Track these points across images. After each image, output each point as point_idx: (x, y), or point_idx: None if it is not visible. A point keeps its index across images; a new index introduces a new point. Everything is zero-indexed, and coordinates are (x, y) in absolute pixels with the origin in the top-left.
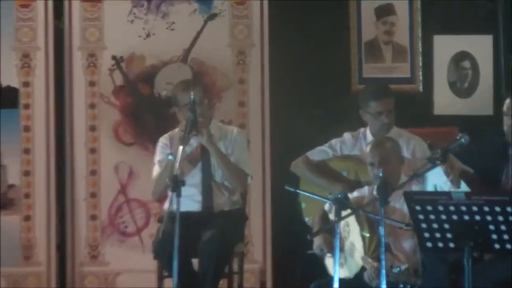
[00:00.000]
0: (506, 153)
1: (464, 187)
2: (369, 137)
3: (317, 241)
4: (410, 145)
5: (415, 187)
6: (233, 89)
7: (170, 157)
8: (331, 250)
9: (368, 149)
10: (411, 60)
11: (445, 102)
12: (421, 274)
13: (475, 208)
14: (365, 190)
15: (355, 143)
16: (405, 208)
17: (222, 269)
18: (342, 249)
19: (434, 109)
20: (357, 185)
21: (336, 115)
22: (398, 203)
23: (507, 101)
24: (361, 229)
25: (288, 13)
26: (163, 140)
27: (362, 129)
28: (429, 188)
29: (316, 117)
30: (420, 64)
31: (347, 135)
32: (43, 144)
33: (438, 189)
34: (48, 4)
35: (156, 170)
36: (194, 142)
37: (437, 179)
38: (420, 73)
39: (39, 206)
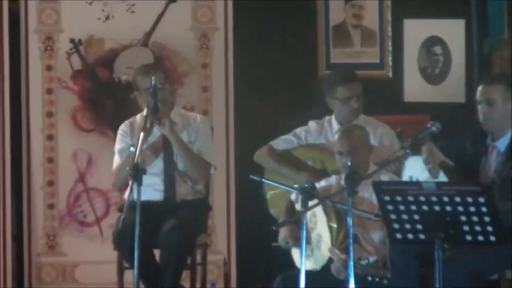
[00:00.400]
0: (483, 142)
1: (442, 178)
2: (335, 125)
3: (283, 232)
4: (377, 133)
5: (383, 177)
6: (195, 74)
7: (131, 148)
8: (297, 242)
9: (336, 137)
10: (380, 45)
11: (415, 88)
12: (389, 266)
13: (446, 199)
14: (333, 179)
15: (321, 131)
16: (374, 198)
17: (184, 261)
18: (308, 241)
19: (404, 96)
20: (323, 174)
21: (302, 102)
22: (367, 193)
23: (480, 88)
24: (328, 219)
25: None
26: (123, 128)
27: (327, 117)
28: (405, 179)
29: (281, 104)
30: (390, 49)
31: (312, 123)
32: None
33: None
34: None
35: (116, 160)
36: (156, 131)
37: (413, 170)
38: (390, 58)
39: None
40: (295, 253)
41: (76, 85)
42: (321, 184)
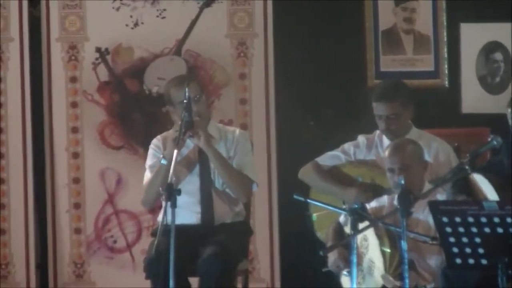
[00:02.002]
0: None
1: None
2: (386, 140)
3: (332, 256)
4: (432, 148)
5: (439, 197)
6: (233, 85)
7: (163, 161)
8: (349, 265)
9: (386, 153)
10: (435, 52)
11: (474, 99)
12: None
13: (509, 220)
14: (384, 199)
15: (371, 147)
16: (430, 220)
17: None
18: (359, 267)
19: (462, 107)
20: (375, 189)
21: (349, 115)
22: (422, 214)
23: None
24: (381, 243)
25: None
26: (155, 142)
27: (378, 132)
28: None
29: (327, 117)
30: (446, 56)
31: (361, 138)
32: (19, 148)
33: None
34: None
35: (147, 176)
36: (190, 144)
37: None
38: (446, 66)
39: (15, 218)
40: (345, 280)
41: (103, 98)
42: (371, 205)
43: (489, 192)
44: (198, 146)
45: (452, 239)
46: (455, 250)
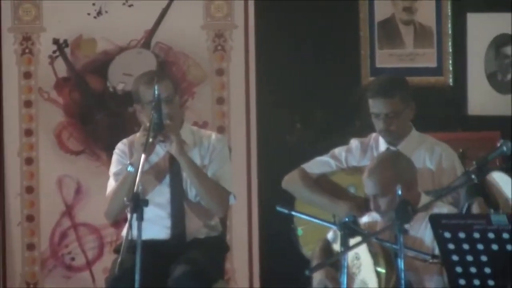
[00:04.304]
0: None
1: None
2: (383, 144)
3: (318, 276)
4: (435, 154)
5: (438, 210)
6: (209, 83)
7: (129, 168)
8: (338, 285)
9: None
10: (438, 45)
11: (482, 99)
12: None
13: None
14: (377, 214)
15: (365, 151)
16: (426, 238)
17: None
18: None
19: (468, 108)
20: (369, 204)
21: (341, 117)
22: (419, 231)
23: None
24: (375, 263)
25: None
26: (121, 147)
27: (374, 134)
28: None
29: (316, 118)
30: (450, 50)
31: (354, 142)
32: None
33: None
34: None
35: (111, 184)
36: (160, 150)
37: None
38: (450, 62)
39: None
40: None
41: (61, 96)
42: (364, 220)
43: None
44: (169, 153)
45: (455, 257)
46: (459, 269)
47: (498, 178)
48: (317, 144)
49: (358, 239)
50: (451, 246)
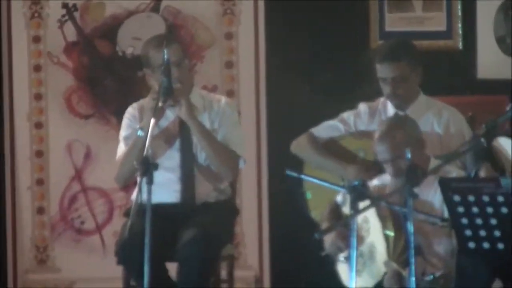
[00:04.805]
0: None
1: None
2: (391, 108)
3: (330, 238)
4: (443, 118)
5: (447, 173)
6: (218, 46)
7: (139, 132)
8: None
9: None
10: (447, 9)
11: (491, 62)
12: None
13: None
14: (387, 178)
15: (373, 115)
16: (436, 202)
17: (207, 277)
18: (359, 253)
19: (477, 72)
20: (379, 166)
21: (350, 81)
22: (428, 195)
23: None
24: (384, 226)
25: None
26: (131, 111)
27: (382, 99)
28: None
29: (324, 82)
30: (459, 13)
31: (363, 106)
32: None
33: None
34: None
35: (121, 148)
36: (170, 114)
37: None
38: (459, 25)
39: None
40: (342, 267)
41: (70, 60)
42: (373, 183)
43: None
44: (179, 117)
45: (464, 221)
46: (468, 233)
47: (504, 143)
48: (326, 108)
49: (367, 202)
50: (460, 210)
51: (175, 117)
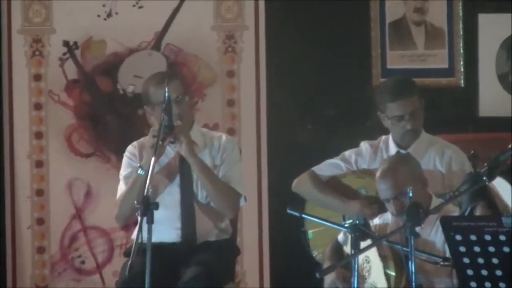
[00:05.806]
0: None
1: None
2: (392, 147)
3: (330, 277)
4: (445, 156)
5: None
6: (219, 84)
7: (139, 171)
8: (349, 286)
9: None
10: (449, 46)
11: (493, 100)
12: None
13: None
14: (389, 216)
15: (375, 154)
16: (437, 241)
17: None
18: None
19: (479, 109)
20: (381, 203)
21: (351, 118)
22: (430, 234)
23: None
24: (385, 266)
25: None
26: (131, 150)
27: (383, 137)
28: None
29: (326, 121)
30: (461, 51)
31: (364, 145)
32: None
33: None
34: None
35: (121, 187)
36: (170, 151)
37: None
38: (461, 63)
39: None
40: None
41: (71, 98)
42: (374, 222)
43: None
44: (179, 154)
45: (466, 260)
46: (470, 272)
47: (497, 184)
48: (327, 146)
49: (368, 242)
50: (462, 249)
51: (175, 154)
